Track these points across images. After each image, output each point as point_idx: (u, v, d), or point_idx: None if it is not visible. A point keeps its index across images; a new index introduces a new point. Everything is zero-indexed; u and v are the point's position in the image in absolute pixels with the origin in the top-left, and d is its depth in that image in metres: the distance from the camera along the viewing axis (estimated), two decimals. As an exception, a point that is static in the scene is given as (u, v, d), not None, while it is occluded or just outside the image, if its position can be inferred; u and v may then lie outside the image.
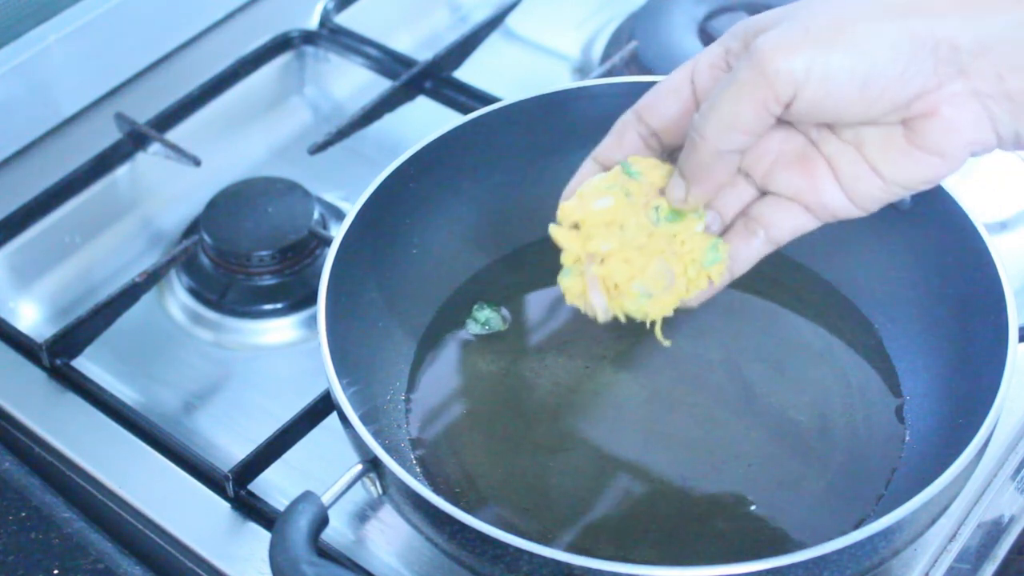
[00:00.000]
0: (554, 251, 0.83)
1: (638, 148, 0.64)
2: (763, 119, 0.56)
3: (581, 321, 0.79)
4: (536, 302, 0.81)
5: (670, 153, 0.65)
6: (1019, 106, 0.55)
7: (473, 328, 0.79)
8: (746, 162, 0.63)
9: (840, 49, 0.54)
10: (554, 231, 0.65)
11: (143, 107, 0.97)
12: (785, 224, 0.63)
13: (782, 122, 0.59)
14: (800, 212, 0.63)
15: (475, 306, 0.79)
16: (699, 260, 0.64)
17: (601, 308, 0.65)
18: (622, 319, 0.65)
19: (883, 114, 0.56)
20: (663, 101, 0.63)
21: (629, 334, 0.78)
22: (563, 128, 0.81)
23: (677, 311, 0.66)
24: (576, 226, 0.65)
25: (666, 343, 0.66)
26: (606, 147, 0.65)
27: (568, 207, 0.65)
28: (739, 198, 0.64)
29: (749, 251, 0.64)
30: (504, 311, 0.80)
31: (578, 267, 0.65)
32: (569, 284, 0.65)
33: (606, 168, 0.66)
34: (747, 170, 0.63)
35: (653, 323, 0.65)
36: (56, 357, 0.81)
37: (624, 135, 0.64)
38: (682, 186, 0.62)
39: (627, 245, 0.63)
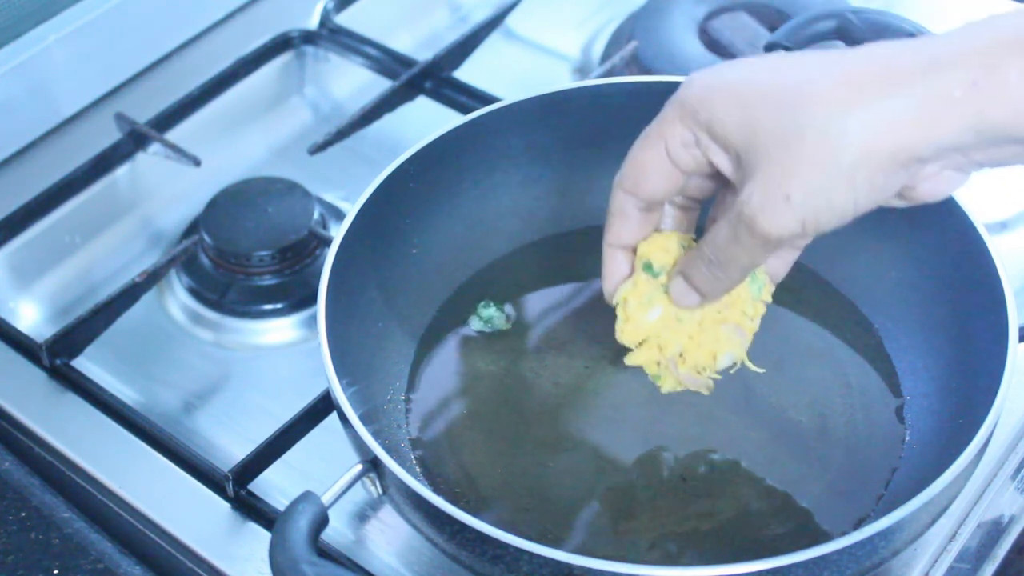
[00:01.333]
0: (553, 252, 0.83)
1: (644, 219, 0.66)
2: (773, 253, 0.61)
3: (581, 321, 0.80)
4: (536, 302, 0.81)
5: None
6: (991, 165, 0.57)
7: (476, 325, 0.79)
8: None
9: (825, 207, 0.57)
10: (631, 359, 0.69)
11: (143, 107, 0.97)
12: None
13: None
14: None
15: (480, 303, 0.79)
16: (749, 296, 0.67)
17: (705, 387, 0.69)
18: (721, 377, 0.69)
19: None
20: (651, 179, 0.64)
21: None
22: (563, 128, 0.81)
23: None
24: (642, 341, 0.68)
25: (760, 370, 0.69)
26: (617, 232, 0.67)
27: (629, 334, 0.68)
28: None
29: (782, 263, 0.68)
30: (508, 309, 0.80)
31: (665, 370, 0.69)
32: (669, 385, 0.69)
33: (629, 249, 0.67)
34: None
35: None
36: (56, 357, 0.81)
37: (627, 215, 0.66)
38: (694, 296, 0.65)
39: (692, 331, 0.67)
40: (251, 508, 0.74)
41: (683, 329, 0.67)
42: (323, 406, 0.76)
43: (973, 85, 0.53)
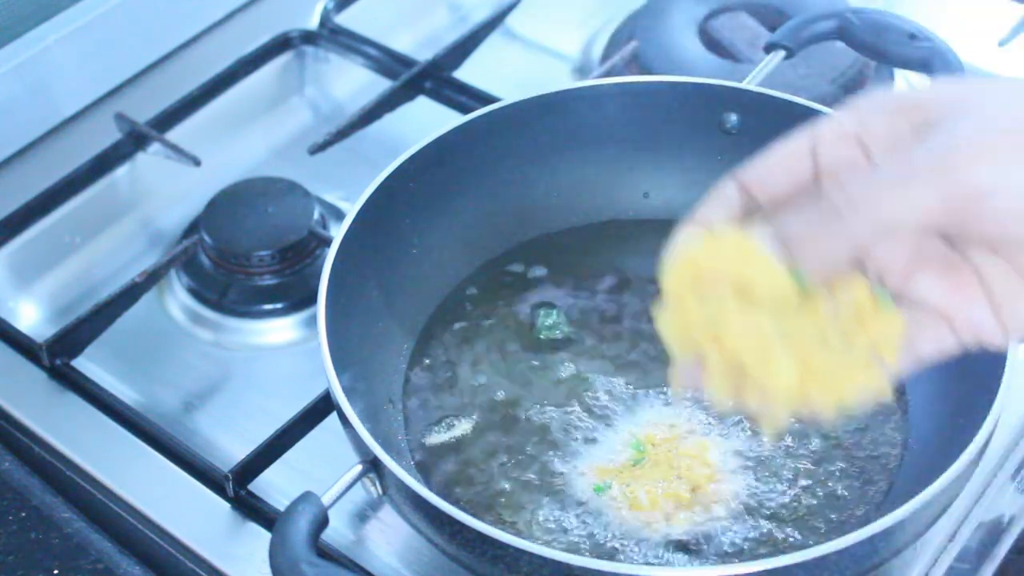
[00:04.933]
0: (553, 252, 0.83)
1: (733, 215, 0.53)
2: (926, 226, 0.48)
3: (580, 320, 0.79)
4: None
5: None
6: None
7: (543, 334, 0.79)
8: (877, 263, 0.52)
9: None
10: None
11: (143, 107, 0.97)
12: (927, 339, 0.53)
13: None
14: (942, 327, 0.52)
15: (541, 311, 0.79)
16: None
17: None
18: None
19: None
20: (775, 175, 0.52)
21: (628, 338, 0.79)
22: (563, 128, 0.81)
23: None
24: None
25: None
26: (704, 212, 0.54)
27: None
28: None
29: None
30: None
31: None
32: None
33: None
34: (880, 273, 0.52)
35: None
36: (56, 357, 0.81)
37: (723, 202, 0.53)
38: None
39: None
40: (251, 508, 0.74)
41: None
42: (323, 406, 0.76)
43: None
